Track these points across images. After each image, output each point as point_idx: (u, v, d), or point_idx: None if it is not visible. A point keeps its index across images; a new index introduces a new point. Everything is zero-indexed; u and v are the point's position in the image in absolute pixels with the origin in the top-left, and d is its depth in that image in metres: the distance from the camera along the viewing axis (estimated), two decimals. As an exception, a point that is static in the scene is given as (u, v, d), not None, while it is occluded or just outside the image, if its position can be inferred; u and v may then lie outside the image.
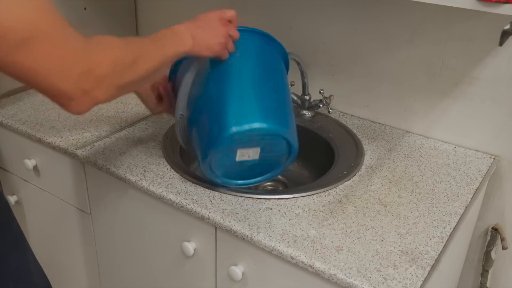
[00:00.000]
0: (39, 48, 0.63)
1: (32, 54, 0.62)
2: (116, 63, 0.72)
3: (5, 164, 1.41)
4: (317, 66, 1.34)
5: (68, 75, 0.66)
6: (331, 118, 1.32)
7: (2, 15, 0.59)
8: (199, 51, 0.90)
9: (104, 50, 0.71)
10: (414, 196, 1.01)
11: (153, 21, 1.65)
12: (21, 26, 0.61)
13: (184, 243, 1.02)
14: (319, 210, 0.95)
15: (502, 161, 1.17)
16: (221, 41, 0.92)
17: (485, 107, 1.15)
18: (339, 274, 0.81)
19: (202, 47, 0.90)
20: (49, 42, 0.63)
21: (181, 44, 0.87)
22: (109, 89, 0.72)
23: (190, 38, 0.88)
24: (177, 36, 0.87)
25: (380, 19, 1.21)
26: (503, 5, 0.79)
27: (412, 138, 1.25)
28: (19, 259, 0.98)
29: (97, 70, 0.69)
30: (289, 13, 1.34)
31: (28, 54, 0.62)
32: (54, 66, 0.65)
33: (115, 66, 0.72)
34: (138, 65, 0.77)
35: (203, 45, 0.90)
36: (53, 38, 0.64)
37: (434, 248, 0.87)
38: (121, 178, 1.06)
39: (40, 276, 1.04)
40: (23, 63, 0.63)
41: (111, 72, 0.71)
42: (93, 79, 0.68)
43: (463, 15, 1.09)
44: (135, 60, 0.76)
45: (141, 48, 0.80)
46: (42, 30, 0.63)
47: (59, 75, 0.65)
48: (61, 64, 0.65)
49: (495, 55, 1.09)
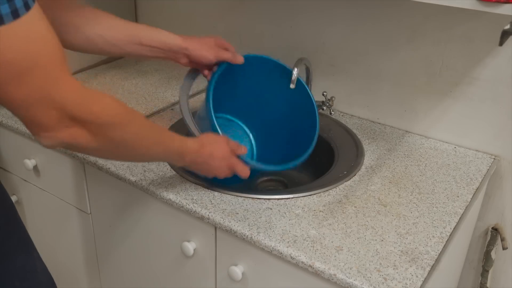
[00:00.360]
0: (34, 80, 0.61)
1: (26, 86, 0.60)
2: (106, 118, 0.70)
3: (5, 164, 1.41)
4: (317, 67, 1.34)
5: (55, 112, 0.64)
6: (331, 118, 1.32)
7: (1, 47, 0.57)
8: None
9: (98, 97, 0.69)
10: (414, 196, 1.01)
11: (153, 21, 1.65)
12: (18, 60, 0.59)
13: (184, 243, 1.02)
14: (319, 210, 0.95)
15: (502, 161, 1.17)
16: (219, 176, 0.95)
17: (485, 107, 1.15)
18: (339, 274, 0.81)
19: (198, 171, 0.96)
20: (46, 75, 0.61)
21: (177, 159, 0.89)
22: (98, 136, 0.70)
23: (186, 164, 0.90)
24: (181, 153, 0.87)
25: (380, 19, 1.21)
26: (503, 5, 0.79)
27: (412, 138, 1.25)
28: (25, 258, 0.99)
29: (82, 117, 0.66)
30: (289, 13, 1.34)
31: (21, 86, 0.60)
32: (44, 101, 0.62)
33: (102, 121, 0.69)
34: (130, 126, 0.75)
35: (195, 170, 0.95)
36: (51, 71, 0.62)
37: (434, 248, 0.87)
38: (121, 178, 1.06)
39: (45, 275, 1.05)
40: (15, 94, 0.61)
41: (100, 123, 0.69)
42: (74, 120, 0.66)
43: (463, 15, 1.09)
44: (126, 126, 0.74)
45: (142, 125, 0.79)
46: (40, 62, 0.61)
47: (45, 110, 0.63)
48: (53, 99, 0.63)
49: (495, 55, 1.09)
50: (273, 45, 1.40)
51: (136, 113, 0.78)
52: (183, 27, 1.58)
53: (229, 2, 1.44)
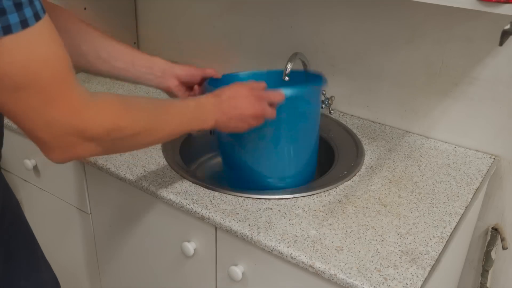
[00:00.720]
0: (31, 98, 0.59)
1: (22, 101, 0.59)
2: (112, 131, 0.68)
3: (5, 164, 1.41)
4: (317, 66, 1.34)
5: (54, 131, 0.62)
6: (331, 118, 1.32)
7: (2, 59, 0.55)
8: (221, 129, 0.89)
9: (102, 116, 0.66)
10: (414, 196, 1.01)
11: (153, 21, 1.65)
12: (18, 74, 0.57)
13: (184, 243, 1.02)
14: (319, 210, 0.95)
15: (502, 161, 1.17)
16: (245, 128, 0.90)
17: (485, 107, 1.15)
18: (339, 274, 0.81)
19: (225, 129, 0.89)
20: (43, 95, 0.60)
21: (200, 122, 0.84)
22: (95, 150, 0.68)
23: (213, 120, 0.85)
24: (201, 112, 0.84)
25: (380, 19, 1.21)
26: (503, 5, 0.79)
27: (412, 138, 1.25)
28: (30, 257, 0.99)
29: (87, 133, 0.65)
30: (289, 13, 1.34)
31: (17, 100, 0.59)
32: (41, 119, 0.61)
33: (110, 134, 0.67)
34: (139, 138, 0.73)
35: (226, 128, 0.89)
36: (49, 91, 0.60)
37: (434, 248, 0.87)
38: (121, 178, 1.06)
39: (49, 273, 1.05)
40: (12, 105, 0.59)
41: (104, 137, 0.67)
42: (81, 139, 0.65)
43: (463, 15, 1.09)
44: (137, 133, 0.72)
45: (150, 121, 0.75)
46: (39, 81, 0.59)
47: (44, 128, 0.62)
48: (48, 119, 0.61)
49: (495, 55, 1.09)
50: (273, 45, 1.40)
51: (139, 105, 0.74)
52: (183, 27, 1.58)
53: (229, 2, 1.44)
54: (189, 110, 0.83)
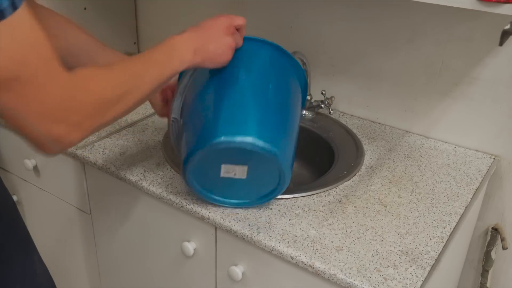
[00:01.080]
0: (19, 90, 0.58)
1: (12, 94, 0.58)
2: (100, 103, 0.67)
3: (5, 164, 1.41)
4: (317, 66, 1.34)
5: (45, 121, 0.61)
6: (331, 118, 1.32)
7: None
8: (200, 64, 0.84)
9: (86, 90, 0.65)
10: (414, 196, 1.01)
11: (153, 21, 1.65)
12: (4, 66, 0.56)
13: (184, 243, 1.02)
14: (319, 210, 0.95)
15: (502, 161, 1.17)
16: (225, 53, 0.87)
17: (485, 107, 1.15)
18: (339, 274, 0.81)
19: (204, 60, 0.84)
20: (31, 86, 0.59)
21: (179, 61, 0.81)
22: (87, 131, 0.67)
23: (190, 53, 0.82)
24: (176, 51, 0.81)
25: (380, 19, 1.21)
26: (503, 5, 0.79)
27: (412, 138, 1.25)
28: (26, 260, 0.98)
29: (76, 115, 0.64)
30: (289, 13, 1.34)
31: (6, 94, 0.58)
32: (32, 109, 0.60)
33: (98, 107, 0.66)
34: (125, 100, 0.71)
35: (205, 58, 0.84)
36: (35, 81, 0.59)
37: (434, 248, 0.87)
38: (121, 178, 1.06)
39: (45, 277, 1.04)
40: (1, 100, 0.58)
41: (93, 114, 0.66)
42: (71, 124, 0.64)
43: (463, 15, 1.09)
44: (122, 95, 0.70)
45: (130, 78, 0.72)
46: (25, 72, 0.58)
47: (35, 120, 0.61)
48: (39, 109, 0.60)
49: (495, 55, 1.09)
50: (273, 45, 1.40)
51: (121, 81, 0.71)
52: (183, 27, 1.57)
53: (229, 2, 1.44)
54: (164, 51, 0.79)
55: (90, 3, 1.51)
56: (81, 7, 1.49)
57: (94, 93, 0.66)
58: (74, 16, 1.48)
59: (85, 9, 1.50)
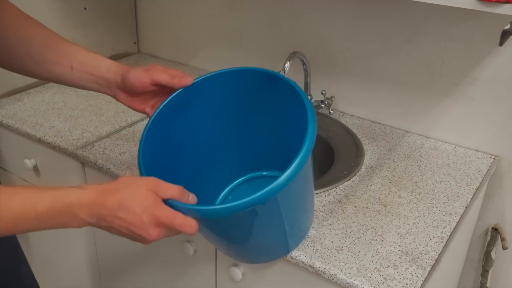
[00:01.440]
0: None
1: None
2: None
3: (5, 164, 1.41)
4: (317, 66, 1.34)
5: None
6: (331, 118, 1.32)
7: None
8: None
9: None
10: (414, 196, 1.01)
11: (153, 21, 1.65)
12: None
13: (184, 243, 1.02)
14: (319, 210, 0.95)
15: (502, 161, 1.17)
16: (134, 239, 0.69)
17: (485, 107, 1.15)
18: (339, 274, 0.81)
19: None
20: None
21: (72, 223, 0.69)
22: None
23: (91, 222, 0.69)
24: (72, 217, 0.69)
25: (380, 19, 1.21)
26: (503, 5, 0.79)
27: (412, 138, 1.25)
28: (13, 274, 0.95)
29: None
30: (289, 13, 1.34)
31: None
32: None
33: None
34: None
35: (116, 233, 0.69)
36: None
37: (434, 248, 0.87)
38: (121, 178, 1.06)
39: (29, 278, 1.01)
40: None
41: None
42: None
43: (463, 15, 1.09)
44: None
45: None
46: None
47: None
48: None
49: (495, 55, 1.09)
50: (273, 45, 1.40)
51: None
52: (183, 27, 1.58)
53: (229, 2, 1.44)
54: (58, 213, 0.66)
55: (90, 3, 1.51)
56: (81, 7, 1.49)
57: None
58: (74, 16, 1.48)
59: (85, 9, 1.50)
